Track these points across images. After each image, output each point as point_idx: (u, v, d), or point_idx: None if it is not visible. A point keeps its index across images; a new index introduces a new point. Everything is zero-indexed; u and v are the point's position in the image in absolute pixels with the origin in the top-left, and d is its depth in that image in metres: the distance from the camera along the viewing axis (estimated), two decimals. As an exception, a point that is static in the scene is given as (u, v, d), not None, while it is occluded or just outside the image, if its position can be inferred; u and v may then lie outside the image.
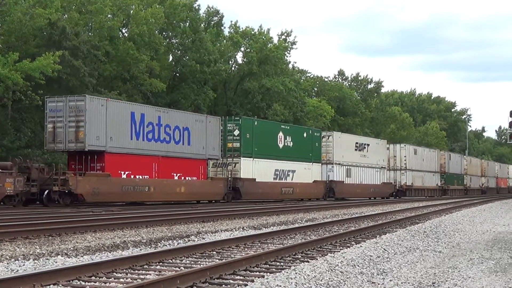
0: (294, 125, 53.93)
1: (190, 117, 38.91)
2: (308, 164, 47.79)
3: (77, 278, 9.37)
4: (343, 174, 52.06)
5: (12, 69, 40.46)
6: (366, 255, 12.33)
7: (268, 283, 8.78)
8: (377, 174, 57.62)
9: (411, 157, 64.77)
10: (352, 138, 56.86)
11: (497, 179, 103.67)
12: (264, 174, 42.74)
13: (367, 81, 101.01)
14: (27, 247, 13.58)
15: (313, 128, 51.81)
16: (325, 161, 50.52)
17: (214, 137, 39.55)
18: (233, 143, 41.17)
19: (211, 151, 39.29)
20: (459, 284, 9.71)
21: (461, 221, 24.24)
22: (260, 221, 23.30)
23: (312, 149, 48.64)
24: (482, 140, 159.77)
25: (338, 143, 51.73)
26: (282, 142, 45.30)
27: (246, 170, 41.25)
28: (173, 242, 15.35)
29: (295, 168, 46.04)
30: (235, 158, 41.02)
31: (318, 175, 48.96)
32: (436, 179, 72.37)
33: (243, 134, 41.18)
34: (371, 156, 56.56)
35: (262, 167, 42.65)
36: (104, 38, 51.57)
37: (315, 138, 49.58)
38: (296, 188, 45.91)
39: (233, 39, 67.18)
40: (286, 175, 45.23)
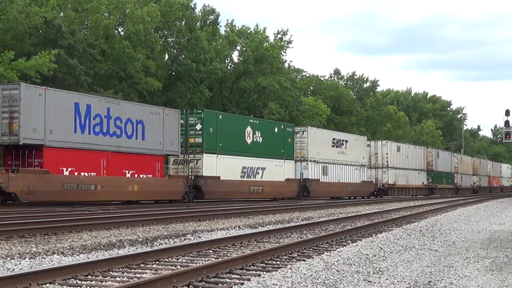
0: (264, 120, 50.62)
1: (145, 109, 35.70)
2: (279, 161, 44.77)
3: (73, 277, 9.35)
4: (319, 172, 49.14)
5: (7, 67, 40.41)
6: (362, 254, 12.33)
7: (264, 282, 8.78)
8: (356, 172, 54.71)
9: (394, 154, 61.72)
10: (329, 134, 53.79)
11: (489, 178, 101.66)
12: (230, 171, 39.81)
13: (363, 80, 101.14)
14: (23, 246, 13.56)
15: (285, 123, 48.76)
16: (299, 158, 47.58)
17: (172, 131, 36.50)
18: (195, 138, 38.27)
19: (169, 146, 36.29)
20: (455, 282, 9.72)
21: (457, 220, 24.28)
22: (256, 220, 23.30)
23: (285, 145, 45.59)
24: (478, 139, 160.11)
25: (313, 139, 48.76)
26: (250, 137, 42.04)
27: (209, 167, 38.32)
28: (169, 241, 15.35)
29: (265, 166, 43.07)
30: (197, 155, 38.11)
31: (291, 173, 45.97)
32: (422, 177, 69.23)
33: (205, 128, 38.24)
34: (350, 153, 53.73)
35: (227, 164, 39.76)
36: (100, 37, 51.54)
37: (288, 133, 46.43)
38: (266, 186, 42.76)
39: (229, 38, 67.23)
40: (255, 172, 42.19)
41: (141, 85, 53.13)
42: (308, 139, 48.02)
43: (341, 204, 38.08)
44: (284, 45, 71.70)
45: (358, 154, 55.11)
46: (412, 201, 47.93)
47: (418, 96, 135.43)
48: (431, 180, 70.92)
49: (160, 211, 26.07)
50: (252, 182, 41.79)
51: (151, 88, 53.66)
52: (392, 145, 62.18)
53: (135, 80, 53.07)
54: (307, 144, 47.83)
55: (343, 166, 52.44)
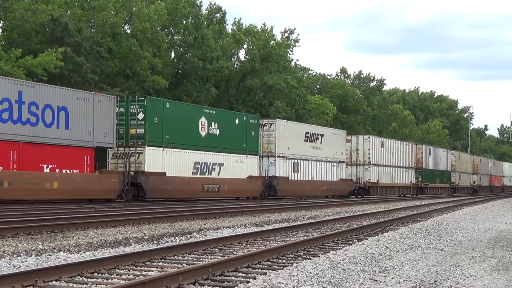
0: (222, 110, 45.48)
1: (69, 94, 30.70)
2: (241, 156, 40.59)
3: (79, 274, 9.36)
4: (289, 169, 44.87)
5: (14, 65, 40.55)
6: (368, 252, 12.32)
7: (270, 280, 8.77)
8: (333, 169, 50.44)
9: (377, 150, 56.94)
10: (301, 127, 48.97)
11: (490, 177, 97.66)
12: (179, 167, 35.67)
13: (369, 79, 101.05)
14: (29, 243, 13.59)
15: (248, 114, 44.77)
16: (266, 153, 43.46)
17: (106, 120, 32.05)
18: (137, 129, 34.11)
19: (101, 138, 31.76)
20: (461, 282, 9.70)
21: (463, 219, 24.24)
22: (262, 218, 23.30)
23: (247, 138, 41.26)
24: (484, 139, 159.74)
25: (282, 132, 44.36)
26: (205, 129, 37.78)
27: (153, 162, 34.22)
28: (175, 239, 15.35)
29: (222, 161, 38.93)
30: (138, 148, 33.93)
31: (254, 169, 41.85)
32: (410, 175, 64.37)
33: (148, 118, 34.11)
34: (326, 149, 49.44)
35: (176, 159, 35.63)
36: (106, 35, 51.62)
37: (251, 126, 42.12)
38: (223, 184, 38.58)
39: (236, 37, 67.25)
40: (210, 169, 37.98)
41: (147, 83, 53.18)
42: (276, 132, 43.86)
43: (347, 203, 38.03)
44: (291, 44, 71.70)
45: (336, 149, 51.22)
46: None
47: (424, 95, 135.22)
48: (420, 179, 66.72)
49: (165, 209, 26.10)
50: (207, 179, 37.59)
51: (158, 86, 53.72)
52: (375, 140, 58.08)
53: (141, 78, 53.12)
54: (275, 138, 43.71)
55: (317, 162, 48.48)
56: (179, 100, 52.92)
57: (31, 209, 23.74)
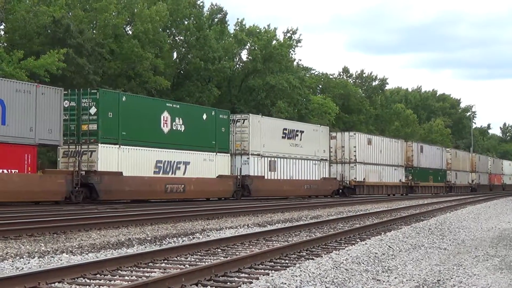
0: (187, 104, 42.71)
1: (7, 85, 27.67)
2: (209, 154, 38.13)
3: (82, 276, 9.37)
4: (265, 167, 42.53)
5: (16, 67, 40.55)
6: (371, 252, 12.32)
7: (273, 281, 8.77)
8: (315, 167, 48.12)
9: (364, 147, 54.45)
10: (278, 123, 46.42)
11: (490, 175, 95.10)
12: (138, 166, 33.27)
13: (372, 79, 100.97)
14: (32, 245, 13.60)
15: (217, 109, 41.83)
16: (240, 151, 41.12)
17: (51, 115, 29.19)
18: (89, 125, 31.43)
19: (45, 134, 28.89)
20: (464, 281, 9.69)
21: (466, 218, 24.22)
22: (265, 219, 23.30)
23: (217, 135, 38.77)
24: (487, 137, 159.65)
25: (256, 128, 41.99)
26: (168, 125, 35.32)
27: (108, 160, 31.67)
28: (178, 240, 15.36)
29: (188, 160, 36.43)
30: (91, 145, 31.37)
31: (225, 168, 39.31)
32: (400, 174, 61.58)
33: (102, 112, 31.51)
34: (306, 146, 47.06)
35: (135, 158, 33.12)
36: (108, 36, 51.64)
37: (221, 121, 39.56)
38: (189, 184, 36.21)
39: (238, 37, 67.24)
40: (174, 168, 35.56)
41: (149, 84, 53.18)
42: (250, 128, 41.41)
43: (349, 203, 38.01)
44: (293, 44, 71.66)
45: (318, 147, 48.83)
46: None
47: (426, 94, 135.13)
48: (411, 177, 64.04)
49: (168, 210, 26.12)
50: (171, 179, 35.22)
51: (160, 87, 53.71)
52: (362, 137, 55.54)
53: (143, 79, 53.12)
54: (249, 134, 41.25)
55: (297, 160, 46.07)
56: (181, 100, 52.92)
57: (34, 211, 23.77)
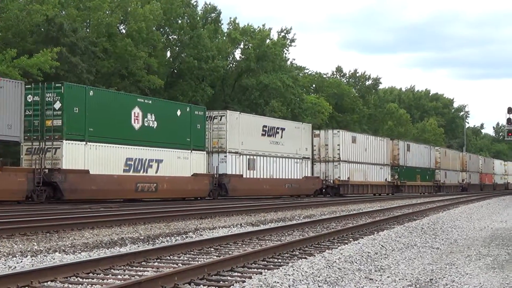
0: (160, 99, 41.44)
1: None
2: (184, 152, 36.79)
3: (74, 275, 9.35)
4: (243, 166, 41.24)
5: (9, 65, 40.46)
6: (364, 251, 12.33)
7: (266, 280, 8.77)
8: (296, 166, 46.95)
9: (348, 146, 53.22)
10: (257, 120, 44.82)
11: (481, 174, 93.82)
12: (106, 164, 31.89)
13: (365, 78, 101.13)
14: (25, 244, 13.57)
15: (192, 105, 40.51)
16: (217, 149, 39.92)
17: (10, 110, 28.08)
18: (53, 121, 30.03)
19: (4, 130, 27.94)
20: (457, 280, 9.71)
21: (459, 217, 24.26)
22: (258, 218, 23.30)
23: (192, 132, 37.40)
24: (480, 137, 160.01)
25: (234, 125, 40.67)
26: (139, 121, 33.99)
27: (73, 158, 30.23)
28: (171, 239, 15.35)
29: (162, 157, 35.25)
30: (55, 142, 29.91)
31: (200, 166, 37.87)
32: (385, 173, 60.09)
33: (67, 107, 30.10)
34: (287, 144, 45.82)
35: (103, 155, 31.73)
36: (102, 35, 51.59)
37: (197, 118, 38.14)
38: (162, 183, 34.95)
39: (231, 36, 67.24)
40: (146, 166, 34.30)
41: (143, 83, 53.15)
42: (228, 125, 40.15)
43: (343, 202, 38.06)
44: (287, 43, 71.70)
45: (299, 144, 47.55)
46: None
47: (420, 94, 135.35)
48: (397, 176, 62.43)
49: (161, 209, 26.10)
50: (142, 177, 34.00)
51: (153, 86, 53.69)
52: (346, 135, 54.17)
53: (137, 77, 53.10)
54: (226, 131, 40.08)
55: (277, 159, 44.81)
56: (175, 99, 52.87)
57: (27, 210, 23.72)
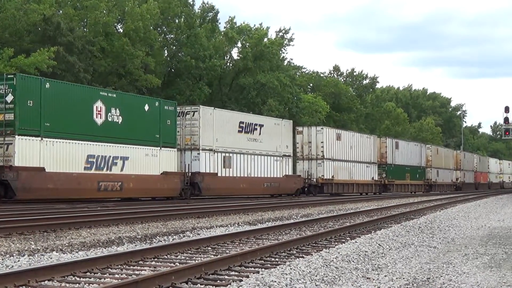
0: (126, 93, 39.08)
1: None
2: (152, 149, 35.03)
3: (72, 274, 9.35)
4: (218, 164, 39.46)
5: (7, 64, 40.44)
6: (361, 250, 12.33)
7: (263, 279, 8.77)
8: (276, 164, 45.03)
9: (332, 143, 51.30)
10: (233, 115, 42.90)
11: (475, 173, 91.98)
12: (65, 161, 29.90)
13: (362, 77, 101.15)
14: (22, 243, 13.56)
15: (162, 100, 38.55)
16: (189, 146, 38.16)
17: None
18: (5, 115, 28.15)
19: None
20: (454, 279, 9.72)
21: (456, 216, 24.28)
22: (255, 217, 23.30)
23: (161, 128, 35.64)
24: (477, 136, 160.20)
25: (208, 121, 38.91)
26: (102, 116, 32.06)
27: (27, 155, 28.50)
28: (168, 238, 15.35)
29: (127, 154, 33.38)
30: (7, 137, 28.17)
31: (171, 164, 36.16)
32: (372, 171, 58.12)
33: (20, 100, 28.24)
34: (266, 141, 43.97)
35: (60, 152, 29.73)
36: (99, 34, 51.57)
37: (167, 113, 36.30)
38: (128, 182, 33.13)
39: (228, 35, 67.22)
40: (110, 163, 32.38)
41: (140, 82, 53.14)
42: (201, 121, 38.33)
43: (340, 201, 38.07)
44: (284, 42, 71.65)
45: (279, 142, 45.66)
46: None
47: (417, 93, 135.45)
48: (385, 175, 60.64)
49: (158, 208, 26.09)
50: (105, 176, 32.03)
51: (151, 85, 53.69)
52: (330, 132, 52.22)
53: (134, 77, 53.09)
54: (199, 128, 38.25)
55: (255, 156, 42.92)
56: (172, 99, 52.85)
57: (24, 209, 23.69)
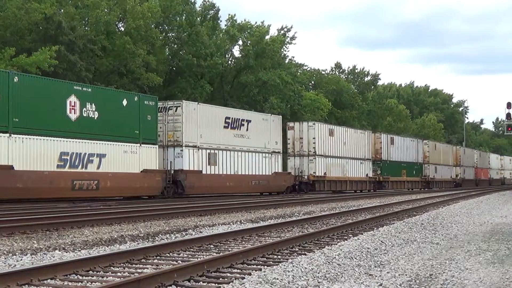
0: (101, 88, 37.37)
1: None
2: (132, 145, 33.75)
3: (74, 272, 9.35)
4: (202, 161, 38.17)
5: (8, 64, 40.47)
6: (364, 247, 12.33)
7: (265, 276, 8.77)
8: (265, 161, 43.76)
9: (325, 139, 49.98)
10: (218, 110, 41.37)
11: (476, 169, 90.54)
12: (35, 159, 28.63)
13: (364, 74, 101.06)
14: (24, 242, 13.57)
15: (141, 94, 37.25)
16: (172, 142, 36.98)
17: None
18: None
19: None
20: (456, 275, 9.71)
21: (459, 213, 24.26)
22: (257, 215, 23.30)
23: (141, 124, 34.34)
24: (480, 132, 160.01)
25: (192, 117, 37.73)
26: (76, 111, 30.74)
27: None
28: (171, 236, 15.35)
29: (104, 151, 32.10)
30: None
31: (152, 162, 34.94)
32: (366, 168, 56.44)
33: None
34: (254, 137, 42.69)
35: (30, 149, 28.44)
36: (100, 33, 51.57)
37: (147, 108, 34.93)
38: (105, 180, 31.84)
39: (230, 33, 67.18)
40: (85, 161, 31.07)
41: (142, 81, 53.14)
42: (184, 116, 37.13)
43: (342, 198, 38.06)
44: (286, 40, 71.63)
45: (268, 138, 44.32)
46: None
47: (419, 90, 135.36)
48: (379, 172, 59.09)
49: (160, 206, 26.11)
50: (80, 174, 30.71)
51: (152, 84, 53.69)
52: (322, 127, 50.71)
53: (136, 75, 53.10)
54: (182, 123, 37.02)
55: (242, 153, 41.65)
56: (174, 97, 52.87)
57: (27, 208, 23.72)
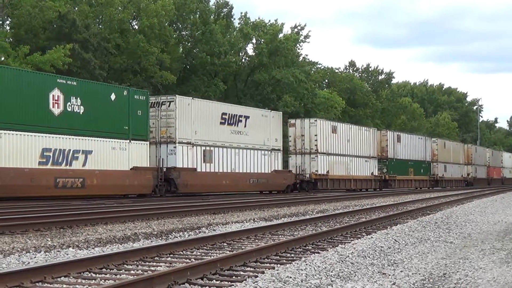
0: (87, 81, 34.88)
1: None
2: (121, 142, 32.50)
3: (88, 270, 9.38)
4: (197, 158, 37.00)
5: (22, 62, 40.65)
6: (377, 246, 12.29)
7: (278, 275, 8.76)
8: (264, 159, 42.61)
9: (327, 136, 48.70)
10: (214, 106, 39.86)
11: (488, 168, 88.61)
12: (15, 155, 27.45)
13: (378, 72, 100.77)
14: (38, 240, 13.63)
15: (131, 88, 35.81)
16: (165, 138, 35.77)
17: None
18: None
19: None
20: (470, 275, 9.67)
21: (473, 212, 24.16)
22: (271, 213, 23.30)
23: (131, 119, 33.05)
24: (494, 131, 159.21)
25: (185, 112, 36.43)
26: (60, 105, 29.52)
27: None
28: (184, 234, 15.37)
29: (90, 148, 30.86)
30: None
31: (142, 158, 33.70)
32: (371, 166, 55.04)
33: None
34: (252, 134, 41.51)
35: (9, 145, 27.33)
36: (114, 31, 51.71)
37: (137, 103, 33.58)
38: (91, 178, 30.63)
39: (243, 31, 67.16)
40: (70, 158, 29.84)
41: (155, 79, 53.24)
42: (177, 112, 35.80)
43: (356, 197, 38.00)
44: (299, 38, 71.51)
45: (268, 135, 43.21)
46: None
47: (433, 88, 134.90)
48: (385, 170, 57.75)
49: (174, 204, 26.15)
50: (63, 171, 29.55)
51: (166, 82, 53.76)
52: (325, 124, 49.37)
53: (149, 73, 53.18)
54: (175, 119, 35.70)
55: (240, 150, 40.47)
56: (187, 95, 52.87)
57: (41, 206, 23.83)
